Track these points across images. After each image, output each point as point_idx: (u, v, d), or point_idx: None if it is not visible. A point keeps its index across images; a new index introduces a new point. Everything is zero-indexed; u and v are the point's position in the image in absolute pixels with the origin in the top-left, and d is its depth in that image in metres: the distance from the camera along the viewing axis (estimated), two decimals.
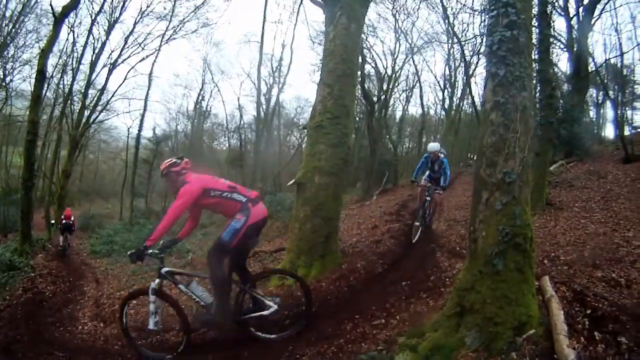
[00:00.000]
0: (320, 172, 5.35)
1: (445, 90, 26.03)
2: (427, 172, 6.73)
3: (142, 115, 20.35)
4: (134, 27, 18.95)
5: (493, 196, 2.90)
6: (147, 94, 21.36)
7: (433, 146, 6.64)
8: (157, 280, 3.45)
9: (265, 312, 3.48)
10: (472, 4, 20.77)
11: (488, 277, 2.83)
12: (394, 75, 22.76)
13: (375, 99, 20.16)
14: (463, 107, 25.76)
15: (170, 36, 20.14)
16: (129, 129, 26.04)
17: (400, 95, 26.94)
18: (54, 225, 14.27)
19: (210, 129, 32.64)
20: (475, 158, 3.71)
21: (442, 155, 6.58)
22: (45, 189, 20.69)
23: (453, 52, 23.15)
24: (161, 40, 19.73)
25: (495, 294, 2.78)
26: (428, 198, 6.48)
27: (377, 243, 6.38)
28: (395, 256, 5.80)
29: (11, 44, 18.08)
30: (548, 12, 8.60)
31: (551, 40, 10.03)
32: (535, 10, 7.44)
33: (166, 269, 3.49)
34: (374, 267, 5.30)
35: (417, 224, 6.42)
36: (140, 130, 20.86)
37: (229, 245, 3.27)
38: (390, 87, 22.83)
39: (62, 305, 6.70)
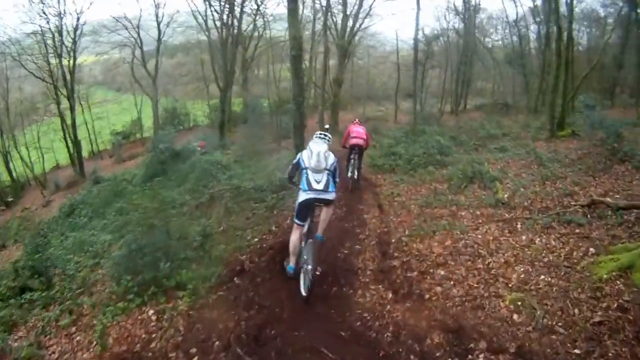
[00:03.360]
0: None
1: None
2: None
3: (417, 15, 16.94)
4: None
5: None
6: None
7: None
8: None
9: None
10: None
11: None
12: None
13: None
14: None
15: None
16: (396, 31, 26.55)
17: None
18: (329, 130, 16.30)
19: (481, 24, 29.09)
20: None
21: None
22: (317, 98, 24.35)
23: None
24: None
25: None
26: None
27: None
28: None
29: None
30: None
31: None
32: None
33: None
34: None
35: None
36: (417, 30, 18.07)
37: None
38: None
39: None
